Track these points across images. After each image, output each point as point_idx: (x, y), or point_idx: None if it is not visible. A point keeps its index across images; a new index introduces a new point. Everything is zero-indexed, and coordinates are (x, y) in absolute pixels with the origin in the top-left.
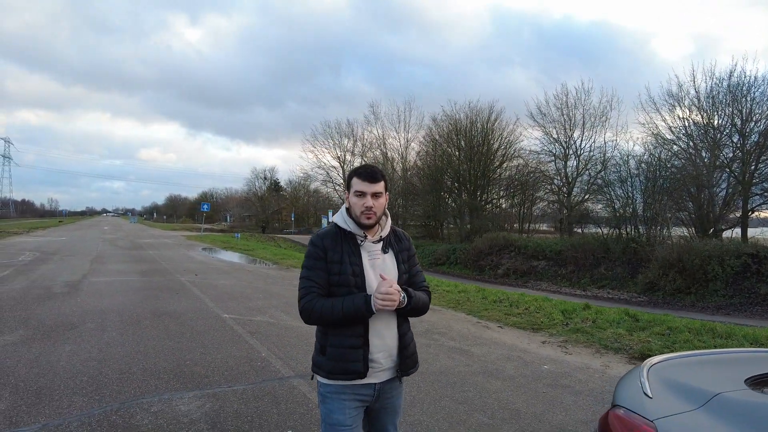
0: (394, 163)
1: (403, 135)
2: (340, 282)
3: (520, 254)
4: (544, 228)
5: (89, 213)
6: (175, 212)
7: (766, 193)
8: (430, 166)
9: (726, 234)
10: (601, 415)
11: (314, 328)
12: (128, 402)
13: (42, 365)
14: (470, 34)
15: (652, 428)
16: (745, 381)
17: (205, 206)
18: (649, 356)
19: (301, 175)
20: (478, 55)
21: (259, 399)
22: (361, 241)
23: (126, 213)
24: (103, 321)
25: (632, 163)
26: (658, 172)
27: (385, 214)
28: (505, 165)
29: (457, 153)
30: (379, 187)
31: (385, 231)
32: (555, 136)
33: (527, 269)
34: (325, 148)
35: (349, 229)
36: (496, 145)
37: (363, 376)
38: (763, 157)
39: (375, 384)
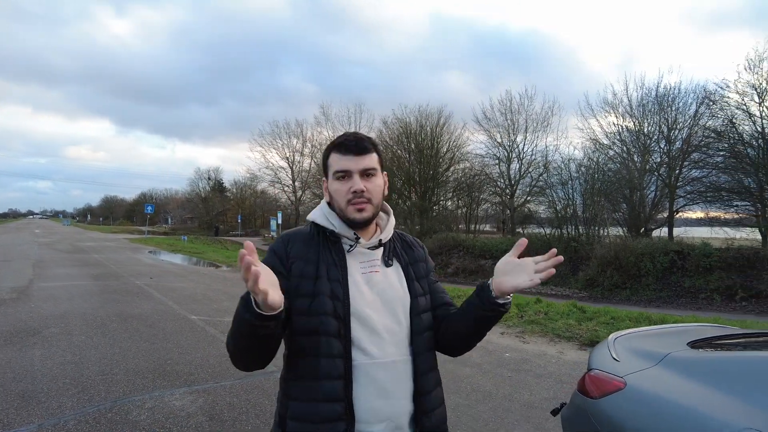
0: None
1: None
2: (311, 309)
3: (468, 254)
4: (488, 228)
5: (12, 215)
6: (112, 214)
7: (689, 195)
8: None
9: (655, 233)
10: (578, 380)
11: None
12: (120, 401)
13: (16, 370)
14: (408, 36)
15: (622, 382)
16: (687, 344)
17: (149, 208)
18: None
19: (248, 175)
20: (416, 57)
21: (249, 392)
22: (351, 247)
23: (57, 215)
24: (66, 325)
25: (572, 166)
26: (595, 175)
27: (385, 209)
28: (452, 168)
29: (407, 156)
30: (371, 161)
31: (387, 233)
32: (499, 140)
33: (475, 268)
34: (273, 148)
35: (333, 229)
36: (444, 149)
37: None
38: (686, 162)
39: None
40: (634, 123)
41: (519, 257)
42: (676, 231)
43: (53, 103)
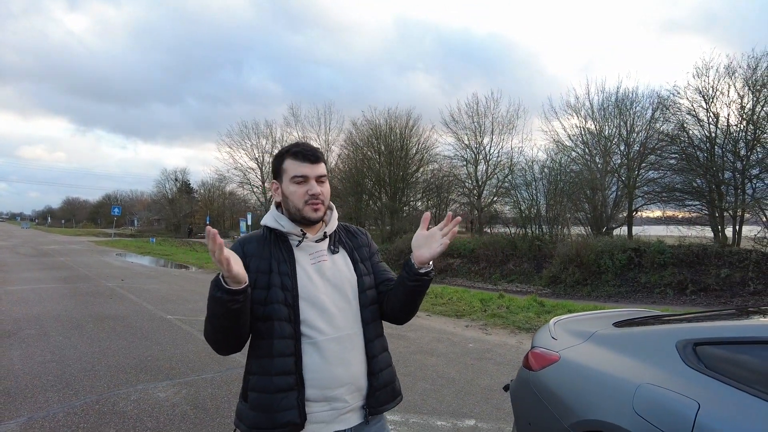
0: None
1: (323, 138)
2: (266, 300)
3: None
4: (456, 229)
5: None
6: (75, 216)
7: (646, 196)
8: (351, 169)
9: (616, 232)
10: (524, 356)
11: None
12: (105, 394)
13: None
14: (374, 37)
15: (557, 355)
16: (613, 324)
17: (116, 210)
18: None
19: (216, 176)
20: (383, 58)
21: (229, 384)
22: (298, 242)
23: (14, 217)
24: (42, 327)
25: (536, 167)
26: (558, 176)
27: (330, 206)
28: (422, 169)
29: (377, 157)
30: (322, 169)
31: (331, 226)
32: (467, 142)
33: (444, 267)
34: (242, 148)
35: (282, 230)
36: (414, 150)
37: (299, 428)
38: (644, 164)
39: None
40: (595, 126)
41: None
42: (635, 230)
43: (4, 100)
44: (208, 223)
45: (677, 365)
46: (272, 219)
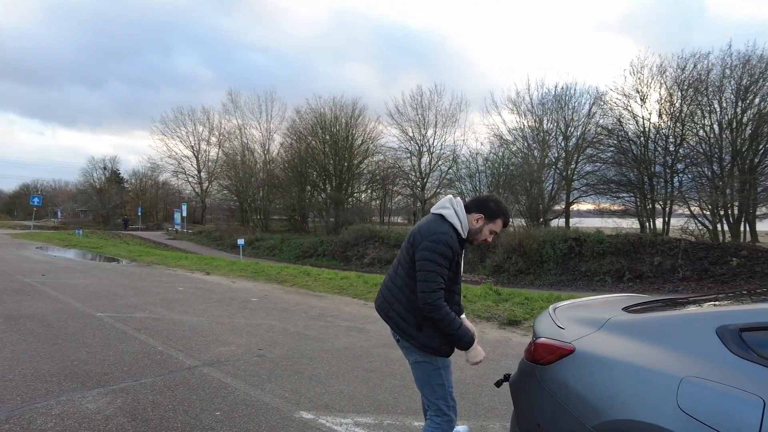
0: (255, 155)
1: (264, 126)
2: (452, 277)
3: (383, 244)
4: (400, 220)
5: None
6: None
7: (583, 188)
8: (295, 158)
9: (553, 223)
10: (526, 348)
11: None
12: (19, 409)
13: None
14: (308, 23)
15: (572, 347)
16: (622, 309)
17: (37, 200)
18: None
19: (148, 165)
20: (319, 46)
21: (173, 389)
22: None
23: None
24: None
25: (480, 160)
26: (500, 169)
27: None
28: (367, 160)
29: (322, 147)
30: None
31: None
32: (411, 134)
33: (390, 257)
34: (177, 136)
35: (463, 237)
36: (359, 141)
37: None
38: (581, 157)
39: None
40: (535, 120)
41: None
42: (572, 221)
43: None
44: (140, 213)
45: (722, 354)
46: (461, 227)
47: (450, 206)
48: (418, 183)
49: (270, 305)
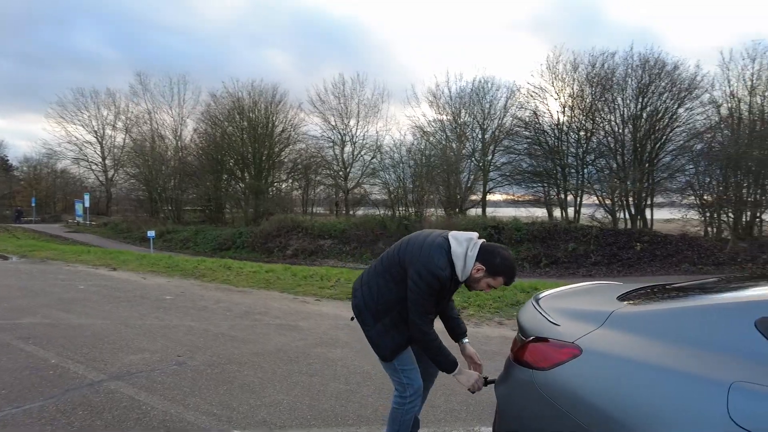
0: (166, 141)
1: (177, 111)
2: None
3: (307, 235)
4: (322, 210)
5: None
6: None
7: (498, 179)
8: (210, 145)
9: (470, 212)
10: (513, 347)
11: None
12: None
13: None
14: (225, 6)
15: (577, 348)
16: (617, 299)
17: None
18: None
19: (44, 151)
20: (237, 30)
21: (70, 413)
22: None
23: None
24: None
25: (403, 150)
26: (421, 160)
27: None
28: (288, 148)
29: (239, 133)
30: None
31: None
32: (333, 123)
33: (315, 248)
34: (78, 120)
35: (459, 280)
36: (280, 128)
37: None
38: (497, 149)
39: None
40: (453, 112)
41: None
42: (488, 210)
43: None
44: (33, 205)
45: (766, 351)
46: (461, 271)
47: (464, 245)
48: (341, 173)
49: (188, 304)
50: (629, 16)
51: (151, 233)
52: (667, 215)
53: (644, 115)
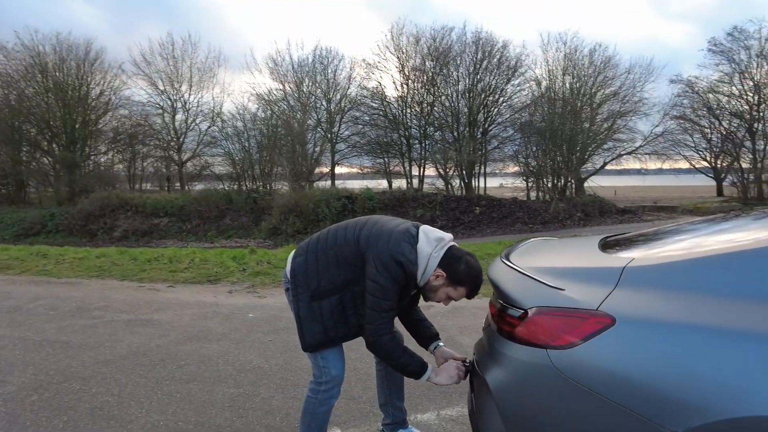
0: None
1: None
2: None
3: (138, 213)
4: (151, 187)
5: None
6: None
7: (345, 150)
8: (4, 109)
9: (320, 185)
10: (498, 323)
11: None
12: None
13: None
14: None
15: (605, 316)
16: (600, 248)
17: None
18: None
19: None
20: None
21: None
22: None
23: None
24: None
25: (247, 118)
26: (265, 130)
27: None
28: (109, 115)
29: (43, 96)
30: None
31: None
32: (162, 87)
33: (149, 228)
34: None
35: (419, 283)
36: (97, 91)
37: None
38: (345, 120)
39: None
40: (296, 81)
41: None
42: (337, 182)
43: None
44: None
45: None
46: (421, 274)
47: (433, 245)
48: (173, 143)
49: None
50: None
51: None
52: (499, 182)
53: (478, 88)
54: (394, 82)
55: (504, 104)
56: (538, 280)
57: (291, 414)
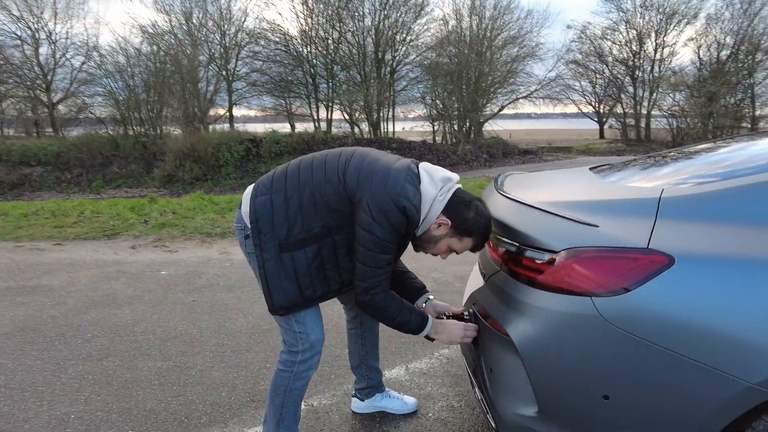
0: None
1: None
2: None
3: (4, 163)
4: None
5: None
6: None
7: (243, 90)
8: None
9: (217, 128)
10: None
11: None
12: None
13: None
14: None
15: (661, 255)
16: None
17: None
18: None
19: None
20: None
21: None
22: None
23: None
24: None
25: (131, 52)
26: (153, 67)
27: None
28: None
29: None
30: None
31: None
32: (17, 13)
33: (18, 180)
34: None
35: (417, 232)
36: None
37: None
38: (243, 54)
39: None
40: (184, 12)
41: None
42: (237, 125)
43: None
44: None
45: None
46: (421, 220)
47: (438, 185)
48: (39, 81)
49: None
50: None
51: None
52: (405, 126)
53: (385, 25)
54: (297, 15)
55: (411, 43)
56: (566, 217)
57: (238, 387)
